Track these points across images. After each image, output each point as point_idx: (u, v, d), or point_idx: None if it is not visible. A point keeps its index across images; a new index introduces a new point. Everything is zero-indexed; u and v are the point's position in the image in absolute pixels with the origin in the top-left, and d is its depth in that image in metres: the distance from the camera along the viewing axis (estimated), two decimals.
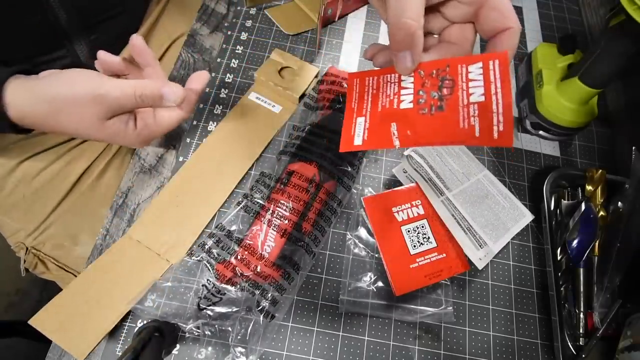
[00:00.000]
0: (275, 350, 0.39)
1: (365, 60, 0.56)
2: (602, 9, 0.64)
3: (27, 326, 0.36)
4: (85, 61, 0.49)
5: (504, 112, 0.23)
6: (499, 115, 0.23)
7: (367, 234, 0.43)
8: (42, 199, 0.51)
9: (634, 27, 0.37)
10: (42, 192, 0.51)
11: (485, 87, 0.24)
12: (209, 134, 0.48)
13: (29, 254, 0.52)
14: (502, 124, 0.23)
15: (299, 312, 0.40)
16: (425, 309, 0.41)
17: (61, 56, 0.47)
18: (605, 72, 0.44)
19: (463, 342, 0.40)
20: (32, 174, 0.51)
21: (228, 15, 0.59)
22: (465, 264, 0.40)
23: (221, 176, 0.46)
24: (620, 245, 0.40)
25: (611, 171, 0.45)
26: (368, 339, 0.40)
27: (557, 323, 0.40)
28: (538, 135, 0.52)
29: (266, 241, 0.40)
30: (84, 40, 0.48)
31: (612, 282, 0.40)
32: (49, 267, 0.53)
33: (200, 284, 0.39)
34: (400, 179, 0.47)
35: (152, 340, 0.33)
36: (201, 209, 0.44)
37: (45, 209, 0.51)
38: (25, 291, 1.06)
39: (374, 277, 0.42)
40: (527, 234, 0.46)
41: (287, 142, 0.48)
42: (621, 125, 0.54)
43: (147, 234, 0.42)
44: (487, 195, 0.43)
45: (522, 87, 0.55)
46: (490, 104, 0.24)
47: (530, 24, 0.63)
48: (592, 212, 0.42)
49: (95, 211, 0.52)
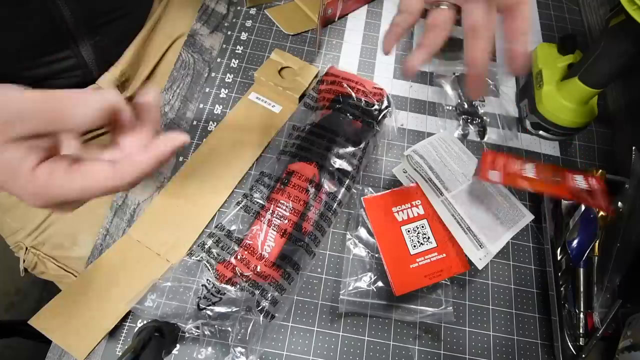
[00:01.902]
0: (275, 350, 0.39)
1: (365, 60, 0.56)
2: (602, 9, 0.64)
3: (27, 326, 0.36)
4: (89, 62, 0.50)
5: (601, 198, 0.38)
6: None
7: (367, 234, 0.43)
8: None
9: (634, 27, 0.37)
10: None
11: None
12: (209, 134, 0.48)
13: (28, 253, 0.52)
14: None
15: (299, 312, 0.40)
16: (425, 309, 0.41)
17: (66, 57, 0.47)
18: (605, 72, 0.44)
19: (463, 342, 0.40)
20: None
21: (228, 15, 0.59)
22: (465, 264, 0.40)
23: (221, 176, 0.46)
24: (620, 245, 0.40)
25: (611, 171, 0.45)
26: (368, 339, 0.40)
27: (557, 323, 0.40)
28: (538, 135, 0.52)
29: (266, 241, 0.40)
30: (88, 42, 0.48)
31: (612, 282, 0.40)
32: (48, 267, 0.53)
33: (200, 284, 0.39)
34: (400, 179, 0.47)
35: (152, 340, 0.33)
36: (201, 209, 0.44)
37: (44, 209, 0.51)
38: (25, 291, 1.06)
39: (374, 277, 0.42)
40: (527, 234, 0.46)
41: (287, 142, 0.48)
42: (621, 125, 0.54)
43: (147, 234, 0.42)
44: (487, 196, 0.43)
45: (522, 87, 0.55)
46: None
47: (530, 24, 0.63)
48: (592, 212, 0.42)
49: (94, 211, 0.52)
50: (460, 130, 0.52)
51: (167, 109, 0.51)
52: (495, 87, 0.56)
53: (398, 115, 0.52)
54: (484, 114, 0.53)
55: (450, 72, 0.56)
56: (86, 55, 0.49)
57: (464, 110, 0.53)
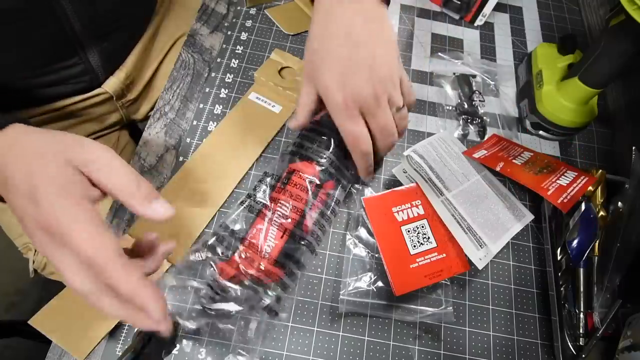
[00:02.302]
0: (275, 350, 0.39)
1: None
2: (602, 9, 0.64)
3: (27, 326, 0.36)
4: (96, 67, 0.50)
5: (574, 195, 0.40)
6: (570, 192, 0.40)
7: (367, 234, 0.43)
8: None
9: (634, 27, 0.37)
10: None
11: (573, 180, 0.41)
12: (209, 134, 0.48)
13: (37, 255, 0.53)
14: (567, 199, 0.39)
15: (299, 312, 0.40)
16: (425, 309, 0.41)
17: (74, 64, 0.48)
18: (605, 72, 0.44)
19: (463, 342, 0.40)
20: None
21: (228, 15, 0.59)
22: (465, 264, 0.40)
23: (221, 176, 0.46)
24: (620, 245, 0.40)
25: (611, 171, 0.45)
26: (368, 339, 0.40)
27: (557, 323, 0.40)
28: (538, 135, 0.52)
29: (267, 239, 0.40)
30: (96, 48, 0.49)
31: (612, 282, 0.40)
32: None
33: (202, 282, 0.39)
34: (400, 179, 0.47)
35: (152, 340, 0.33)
36: (201, 209, 0.44)
37: None
38: (26, 291, 1.06)
39: (374, 277, 0.42)
40: (527, 234, 0.46)
41: (287, 141, 0.48)
42: (621, 125, 0.54)
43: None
44: (487, 196, 0.43)
45: (522, 87, 0.55)
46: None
47: (530, 24, 0.63)
48: (592, 212, 0.42)
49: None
50: (460, 130, 0.52)
51: (167, 109, 0.51)
52: (495, 87, 0.56)
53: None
54: (484, 114, 0.53)
55: (450, 72, 0.56)
56: (93, 61, 0.50)
57: (464, 110, 0.53)
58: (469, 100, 0.54)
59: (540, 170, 0.43)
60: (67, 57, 0.47)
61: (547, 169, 0.43)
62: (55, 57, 0.47)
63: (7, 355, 0.97)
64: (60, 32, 0.44)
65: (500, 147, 0.47)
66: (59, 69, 0.47)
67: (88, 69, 0.50)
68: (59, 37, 0.45)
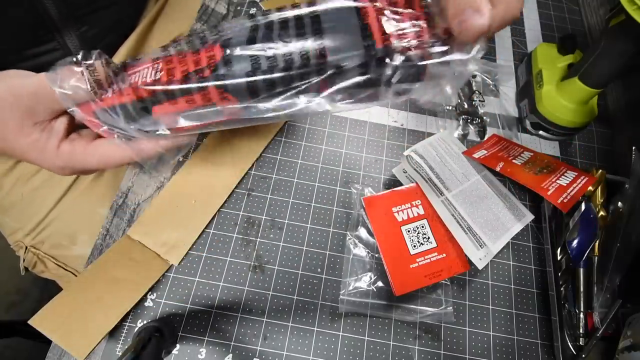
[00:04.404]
0: (275, 350, 0.39)
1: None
2: (602, 9, 0.64)
3: (27, 326, 0.36)
4: (75, 53, 0.49)
5: (574, 195, 0.39)
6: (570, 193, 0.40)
7: (367, 234, 0.43)
8: (40, 198, 0.51)
9: (634, 27, 0.37)
10: (40, 191, 0.51)
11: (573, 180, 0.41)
12: (208, 134, 0.48)
13: (27, 252, 0.52)
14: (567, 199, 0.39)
15: (299, 312, 0.40)
16: (425, 309, 0.41)
17: (51, 49, 0.47)
18: (605, 72, 0.44)
19: (463, 342, 0.40)
20: (30, 173, 0.51)
21: (228, 15, 0.59)
22: (465, 264, 0.40)
23: (221, 176, 0.46)
24: (620, 245, 0.40)
25: (611, 171, 0.45)
26: (368, 339, 0.40)
27: (557, 323, 0.40)
28: (538, 135, 0.52)
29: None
30: (74, 32, 0.47)
31: (612, 282, 0.40)
32: (48, 266, 0.53)
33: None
34: (400, 179, 0.47)
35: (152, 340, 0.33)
36: (201, 209, 0.44)
37: (43, 208, 0.51)
38: (26, 291, 1.06)
39: (374, 277, 0.42)
40: (527, 234, 0.46)
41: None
42: (621, 125, 0.54)
43: (147, 234, 0.42)
44: (487, 196, 0.43)
45: (522, 87, 0.55)
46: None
47: (530, 24, 0.63)
48: (592, 212, 0.42)
49: (93, 211, 0.52)
50: (460, 130, 0.52)
51: None
52: (495, 87, 0.56)
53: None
54: (484, 114, 0.53)
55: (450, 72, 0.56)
56: (72, 46, 0.48)
57: (464, 110, 0.53)
58: (469, 100, 0.54)
59: (540, 170, 0.43)
60: (44, 41, 0.45)
61: (547, 169, 0.43)
62: (31, 41, 0.45)
63: (7, 355, 0.97)
64: (32, 13, 0.43)
65: (500, 147, 0.47)
66: (36, 55, 0.45)
67: (67, 55, 0.48)
68: (32, 20, 0.43)
